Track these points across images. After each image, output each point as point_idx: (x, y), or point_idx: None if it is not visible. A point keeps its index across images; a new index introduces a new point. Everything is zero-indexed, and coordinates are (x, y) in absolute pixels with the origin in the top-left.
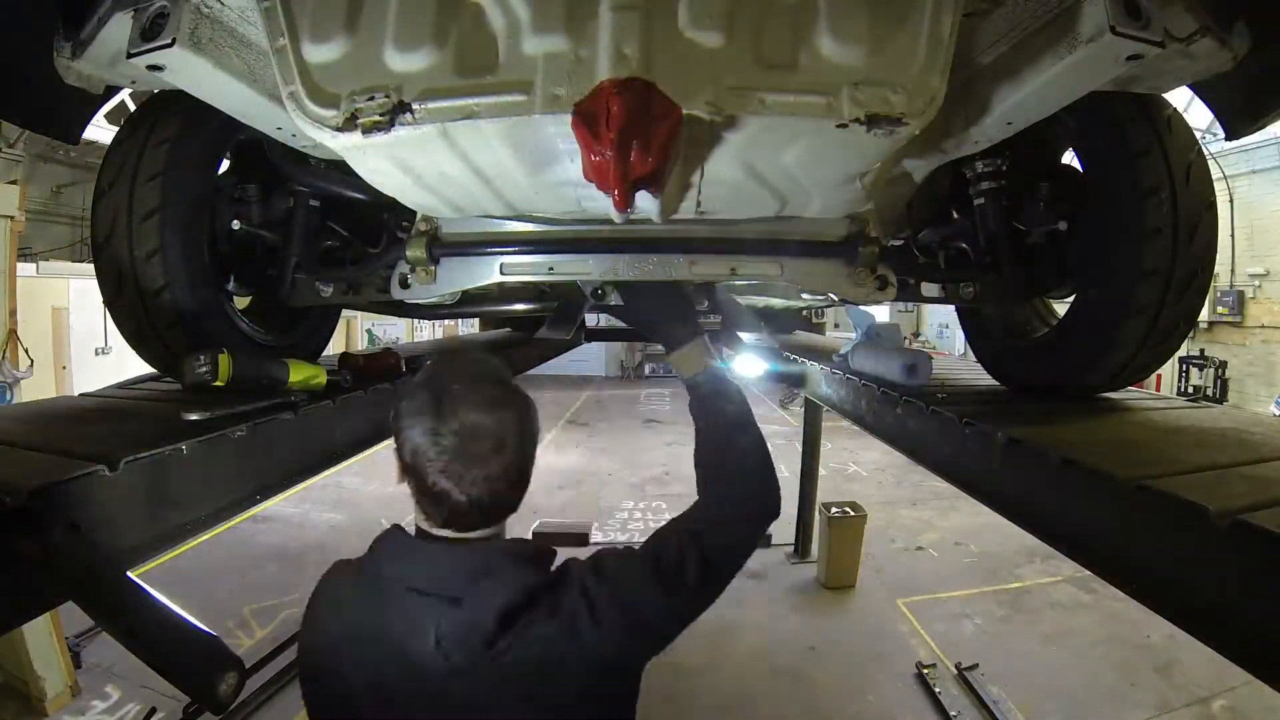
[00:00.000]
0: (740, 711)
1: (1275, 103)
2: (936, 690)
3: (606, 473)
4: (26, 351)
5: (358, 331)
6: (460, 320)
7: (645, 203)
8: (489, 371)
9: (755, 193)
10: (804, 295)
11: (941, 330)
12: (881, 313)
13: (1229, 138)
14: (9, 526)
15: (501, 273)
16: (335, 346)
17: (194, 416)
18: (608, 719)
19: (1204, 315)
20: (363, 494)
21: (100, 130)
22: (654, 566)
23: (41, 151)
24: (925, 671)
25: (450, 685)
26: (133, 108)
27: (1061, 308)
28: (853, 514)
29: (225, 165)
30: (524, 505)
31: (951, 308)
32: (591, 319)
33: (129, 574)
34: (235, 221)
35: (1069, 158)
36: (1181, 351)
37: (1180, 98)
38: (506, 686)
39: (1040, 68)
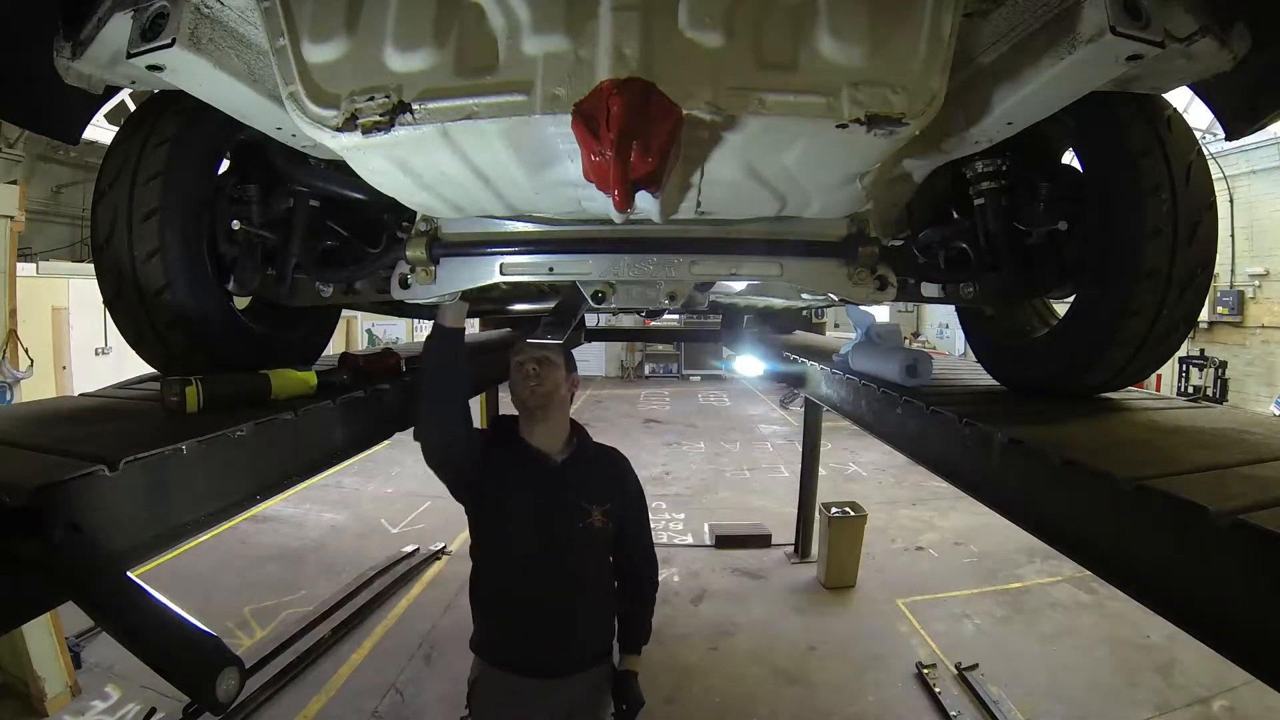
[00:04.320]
0: (740, 712)
1: (1275, 103)
2: (936, 690)
3: None
4: (26, 351)
5: (358, 331)
6: None
7: (645, 203)
8: None
9: (755, 193)
10: (804, 295)
11: (941, 330)
12: (881, 313)
13: (1229, 138)
14: (9, 526)
15: (501, 273)
16: (335, 346)
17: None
18: None
19: (1204, 315)
20: (363, 494)
21: (100, 130)
22: None
23: (41, 151)
24: (925, 672)
25: None
26: (133, 108)
27: (1061, 308)
28: (853, 514)
29: (225, 165)
30: None
31: (951, 308)
32: (591, 319)
33: (129, 574)
34: (235, 222)
35: (1069, 158)
36: (1181, 351)
37: (1180, 98)
38: None
39: (1040, 68)
